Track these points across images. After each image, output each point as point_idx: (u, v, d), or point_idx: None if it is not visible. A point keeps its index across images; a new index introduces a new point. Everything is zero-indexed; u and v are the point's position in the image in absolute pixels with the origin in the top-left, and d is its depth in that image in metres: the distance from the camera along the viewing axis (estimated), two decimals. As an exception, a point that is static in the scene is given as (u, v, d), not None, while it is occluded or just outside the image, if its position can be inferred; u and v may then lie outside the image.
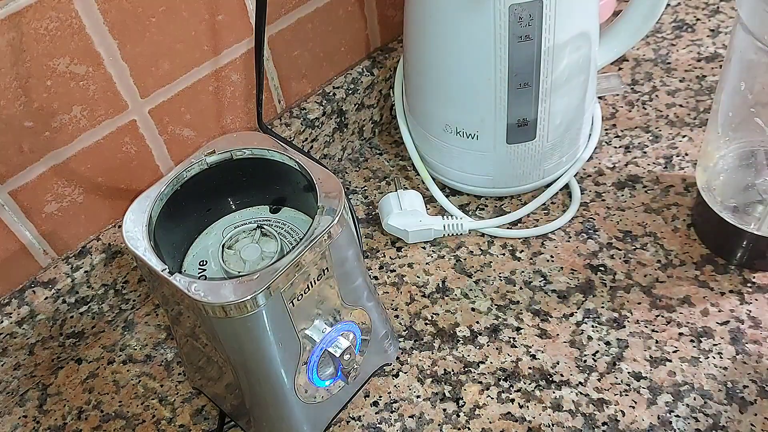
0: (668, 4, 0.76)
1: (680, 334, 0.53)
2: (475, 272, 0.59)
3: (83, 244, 0.55)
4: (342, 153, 0.69)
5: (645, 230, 0.60)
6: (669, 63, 0.73)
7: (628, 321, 0.55)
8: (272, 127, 0.62)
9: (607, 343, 0.54)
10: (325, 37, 0.63)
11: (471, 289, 0.58)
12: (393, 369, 0.54)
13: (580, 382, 0.52)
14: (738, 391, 0.50)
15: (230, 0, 0.54)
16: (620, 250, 0.59)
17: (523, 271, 0.59)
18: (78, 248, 0.55)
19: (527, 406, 0.51)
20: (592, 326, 0.55)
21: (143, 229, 0.43)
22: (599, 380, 0.52)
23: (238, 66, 0.57)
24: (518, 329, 0.55)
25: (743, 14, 0.47)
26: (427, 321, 0.57)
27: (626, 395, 0.51)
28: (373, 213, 0.65)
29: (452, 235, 0.62)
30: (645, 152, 0.66)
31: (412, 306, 0.58)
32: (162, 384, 0.56)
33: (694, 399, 0.50)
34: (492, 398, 0.52)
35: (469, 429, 0.51)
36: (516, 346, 0.54)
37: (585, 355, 0.53)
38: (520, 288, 0.58)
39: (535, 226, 0.61)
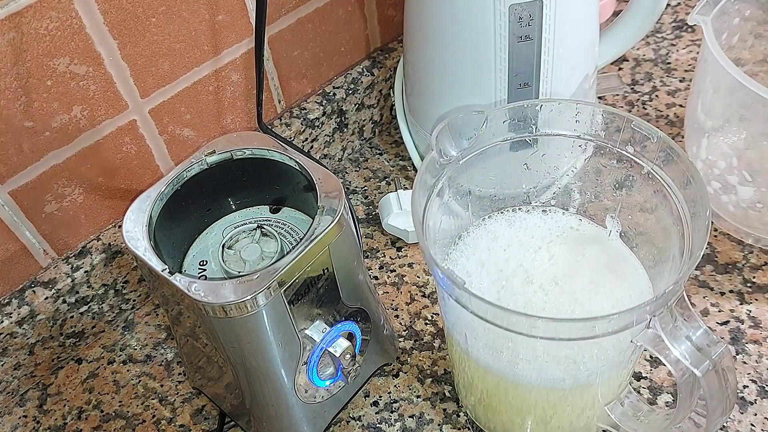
0: (668, 4, 0.76)
1: (680, 334, 0.53)
2: (475, 272, 0.59)
3: (83, 244, 0.55)
4: (342, 153, 0.69)
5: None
6: (669, 63, 0.73)
7: (628, 321, 0.55)
8: (272, 127, 0.62)
9: (607, 343, 0.54)
10: (325, 37, 0.63)
11: (471, 289, 0.58)
12: (393, 369, 0.54)
13: (580, 382, 0.52)
14: (738, 391, 0.50)
15: (230, 0, 0.54)
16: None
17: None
18: (78, 248, 0.55)
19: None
20: (592, 326, 0.55)
21: (143, 229, 0.43)
22: (599, 380, 0.52)
23: (238, 66, 0.57)
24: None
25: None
26: (427, 321, 0.57)
27: (626, 395, 0.51)
28: (373, 213, 0.65)
29: (452, 235, 0.62)
30: (645, 152, 0.66)
31: (412, 306, 0.58)
32: (162, 384, 0.56)
33: (694, 399, 0.50)
34: (492, 398, 0.52)
35: (469, 429, 0.51)
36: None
37: (585, 355, 0.53)
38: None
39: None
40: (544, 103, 0.45)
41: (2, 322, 0.52)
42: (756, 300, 0.55)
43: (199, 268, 0.47)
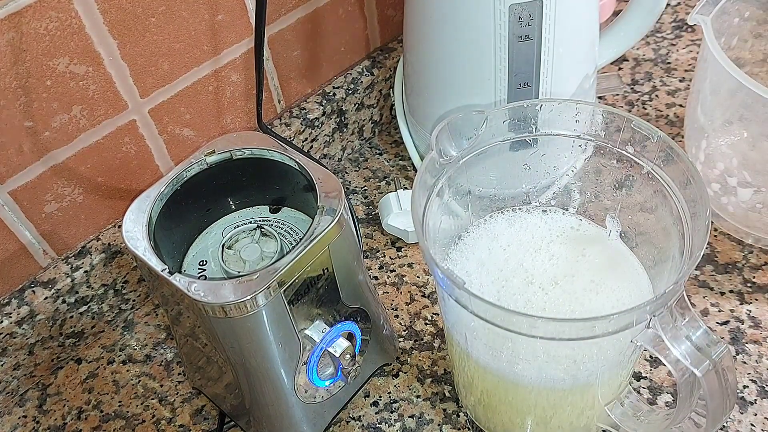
0: (668, 4, 0.76)
1: (680, 334, 0.53)
2: (475, 272, 0.59)
3: (83, 244, 0.55)
4: (342, 153, 0.69)
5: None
6: (669, 63, 0.73)
7: (628, 321, 0.55)
8: (272, 127, 0.62)
9: (607, 343, 0.54)
10: (325, 37, 0.63)
11: (471, 289, 0.58)
12: (393, 369, 0.54)
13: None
14: (738, 391, 0.50)
15: (230, 0, 0.54)
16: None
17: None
18: (78, 248, 0.55)
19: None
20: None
21: (143, 229, 0.43)
22: (599, 380, 0.52)
23: (238, 66, 0.57)
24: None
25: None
26: (427, 321, 0.57)
27: (626, 395, 0.51)
28: (373, 213, 0.65)
29: (452, 235, 0.62)
30: (645, 152, 0.66)
31: (412, 306, 0.58)
32: (162, 384, 0.56)
33: (694, 399, 0.50)
34: (492, 398, 0.52)
35: (469, 429, 0.51)
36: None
37: (585, 355, 0.53)
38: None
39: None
40: (544, 103, 0.45)
41: (2, 322, 0.52)
42: (756, 300, 0.55)
43: (199, 268, 0.47)
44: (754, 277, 0.56)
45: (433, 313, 0.57)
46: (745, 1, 0.56)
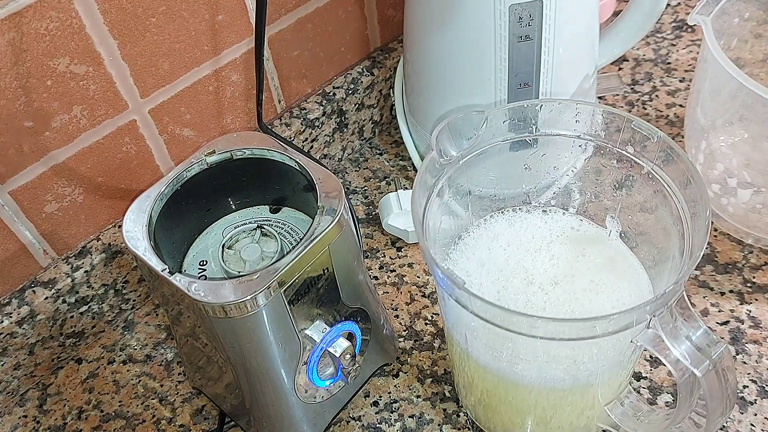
0: (668, 4, 0.76)
1: (680, 334, 0.53)
2: (475, 272, 0.59)
3: (83, 244, 0.55)
4: (342, 153, 0.69)
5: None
6: (669, 63, 0.73)
7: (628, 321, 0.55)
8: (272, 127, 0.62)
9: (607, 343, 0.54)
10: (325, 37, 0.63)
11: (471, 289, 0.58)
12: (393, 369, 0.54)
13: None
14: (738, 391, 0.50)
15: (230, 0, 0.54)
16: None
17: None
18: (78, 248, 0.55)
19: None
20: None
21: (143, 229, 0.43)
22: (599, 380, 0.52)
23: (238, 66, 0.57)
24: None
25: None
26: (427, 321, 0.57)
27: (626, 395, 0.51)
28: (373, 213, 0.65)
29: (452, 235, 0.62)
30: (645, 152, 0.66)
31: (412, 306, 0.58)
32: (162, 384, 0.56)
33: (694, 399, 0.50)
34: (492, 398, 0.52)
35: (469, 429, 0.51)
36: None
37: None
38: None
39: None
40: (544, 103, 0.45)
41: (2, 322, 0.52)
42: (756, 300, 0.55)
43: (199, 268, 0.47)
44: (754, 277, 0.56)
45: (433, 313, 0.57)
46: (745, 2, 0.56)
